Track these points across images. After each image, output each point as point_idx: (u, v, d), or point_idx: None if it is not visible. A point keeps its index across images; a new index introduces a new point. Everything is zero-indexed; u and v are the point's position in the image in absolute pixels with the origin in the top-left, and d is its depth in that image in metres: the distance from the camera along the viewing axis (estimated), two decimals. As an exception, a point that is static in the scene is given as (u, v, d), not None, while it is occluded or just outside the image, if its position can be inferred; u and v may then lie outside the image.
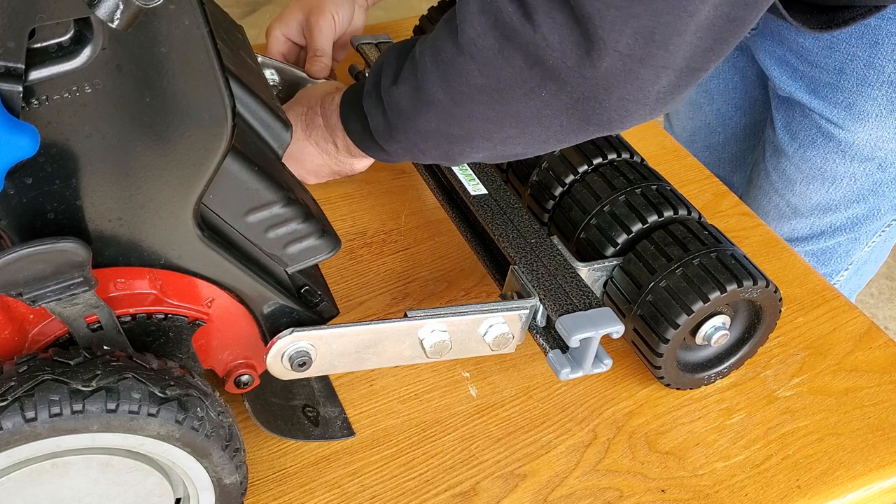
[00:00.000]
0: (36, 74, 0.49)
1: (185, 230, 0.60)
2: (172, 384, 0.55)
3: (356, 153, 0.84)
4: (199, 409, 0.56)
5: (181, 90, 0.53)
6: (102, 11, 0.44)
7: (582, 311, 0.71)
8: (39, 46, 0.48)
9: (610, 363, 0.73)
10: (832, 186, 1.09)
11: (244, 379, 0.69)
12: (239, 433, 0.60)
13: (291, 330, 0.66)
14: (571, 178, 0.85)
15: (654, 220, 0.80)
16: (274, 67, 1.01)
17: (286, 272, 0.67)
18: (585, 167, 0.85)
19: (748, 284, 0.75)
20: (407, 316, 0.69)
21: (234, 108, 0.55)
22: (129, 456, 0.57)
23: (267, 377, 0.69)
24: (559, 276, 0.75)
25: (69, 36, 0.49)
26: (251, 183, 0.61)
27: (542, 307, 0.73)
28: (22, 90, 0.48)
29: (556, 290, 0.74)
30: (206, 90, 0.53)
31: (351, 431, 0.76)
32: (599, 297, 0.75)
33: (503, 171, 0.93)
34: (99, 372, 0.53)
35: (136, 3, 0.44)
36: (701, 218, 0.83)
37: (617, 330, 0.71)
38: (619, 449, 0.77)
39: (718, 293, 0.74)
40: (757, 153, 1.21)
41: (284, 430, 0.73)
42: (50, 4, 0.46)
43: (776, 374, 0.85)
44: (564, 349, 0.73)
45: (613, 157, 0.86)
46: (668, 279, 0.76)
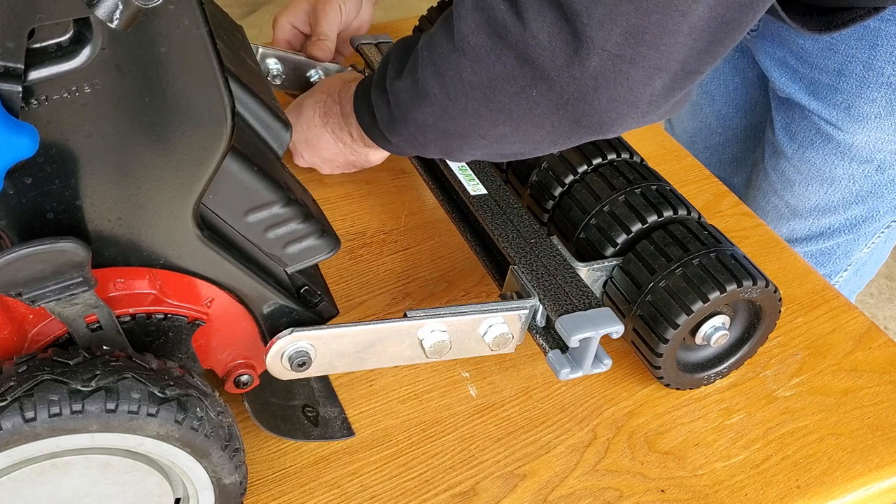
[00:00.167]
0: (35, 74, 0.49)
1: (184, 230, 0.60)
2: (172, 384, 0.55)
3: (369, 143, 0.85)
4: (198, 409, 0.56)
5: (181, 90, 0.53)
6: (102, 11, 0.44)
7: (581, 311, 0.71)
8: (39, 46, 0.48)
9: (609, 363, 0.73)
10: (831, 188, 1.09)
11: (244, 379, 0.69)
12: (238, 433, 0.60)
13: (291, 330, 0.66)
14: (571, 178, 0.85)
15: (653, 220, 0.80)
16: (275, 57, 1.01)
17: (286, 272, 0.67)
18: (585, 167, 0.85)
19: (748, 284, 0.75)
20: (407, 316, 0.69)
21: (233, 108, 0.55)
22: (128, 456, 0.57)
23: (267, 377, 0.69)
24: (559, 276, 0.75)
25: (68, 36, 0.49)
26: (251, 183, 0.61)
27: (541, 307, 0.73)
28: (21, 90, 0.48)
29: (555, 290, 0.74)
30: (205, 90, 0.53)
31: (351, 431, 0.76)
32: (599, 297, 0.75)
33: (503, 171, 0.93)
34: (98, 372, 0.53)
35: (135, 3, 0.44)
36: (701, 218, 0.83)
37: (616, 330, 0.71)
38: (618, 449, 0.77)
39: (718, 293, 0.74)
40: (756, 154, 1.21)
41: (284, 430, 0.73)
42: (49, 4, 0.46)
43: (776, 374, 0.85)
44: (564, 349, 0.73)
45: (613, 157, 0.86)
46: (667, 279, 0.76)
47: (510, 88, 0.65)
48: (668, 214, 0.81)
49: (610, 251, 0.80)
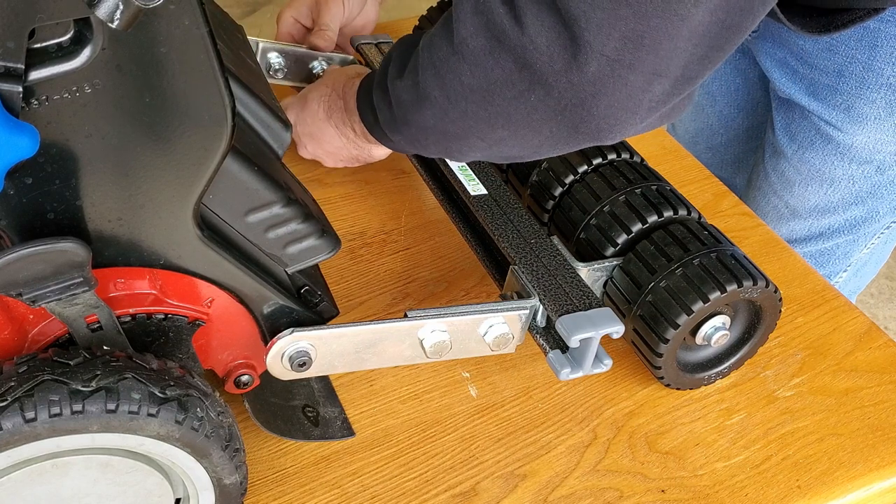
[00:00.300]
0: (36, 74, 0.49)
1: (184, 230, 0.60)
2: (172, 384, 0.55)
3: (372, 140, 0.85)
4: (198, 409, 0.56)
5: (181, 90, 0.53)
6: (102, 12, 0.44)
7: (582, 311, 0.71)
8: (39, 46, 0.48)
9: (610, 363, 0.73)
10: (830, 188, 1.09)
11: (244, 379, 0.69)
12: (239, 433, 0.60)
13: (291, 330, 0.66)
14: (571, 178, 0.85)
15: (653, 220, 0.80)
16: (276, 50, 1.02)
17: (286, 272, 0.67)
18: (585, 167, 0.85)
19: (748, 284, 0.75)
20: (407, 316, 0.69)
21: (233, 108, 0.55)
22: (128, 456, 0.57)
23: (267, 377, 0.69)
24: (559, 276, 0.75)
25: (69, 36, 0.49)
26: (251, 183, 0.61)
27: (542, 307, 0.73)
28: (22, 90, 0.48)
29: (556, 290, 0.74)
30: (205, 90, 0.53)
31: (351, 431, 0.76)
32: (599, 297, 0.75)
33: (503, 171, 0.93)
34: (99, 372, 0.53)
35: (135, 3, 0.44)
36: (701, 218, 0.83)
37: (617, 330, 0.71)
38: (619, 449, 0.77)
39: (718, 293, 0.74)
40: (757, 155, 1.21)
41: (284, 430, 0.73)
42: (50, 4, 0.46)
43: (776, 374, 0.85)
44: (564, 349, 0.73)
45: (613, 157, 0.86)
46: (668, 279, 0.75)
47: (508, 93, 0.65)
48: (668, 214, 0.81)
49: (610, 251, 0.80)
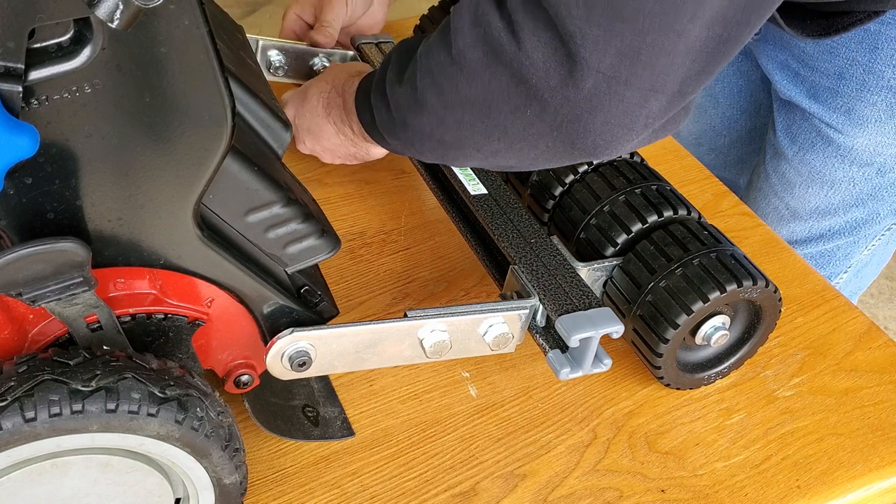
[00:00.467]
0: (36, 74, 0.49)
1: (184, 230, 0.60)
2: (172, 384, 0.55)
3: (370, 139, 0.85)
4: (198, 409, 0.56)
5: (181, 90, 0.53)
6: (102, 11, 0.44)
7: (582, 311, 0.71)
8: (39, 46, 0.48)
9: (609, 363, 0.73)
10: (831, 190, 1.09)
11: (244, 379, 0.69)
12: (239, 433, 0.60)
13: (291, 330, 0.66)
14: (571, 177, 0.85)
15: (653, 220, 0.80)
16: (276, 47, 1.02)
17: (286, 272, 0.67)
18: (585, 167, 0.85)
19: (748, 284, 0.75)
20: (407, 316, 0.69)
21: (233, 108, 0.55)
22: (128, 456, 0.57)
23: (267, 377, 0.69)
24: (559, 276, 0.75)
25: (69, 36, 0.49)
26: (251, 183, 0.61)
27: (541, 307, 0.73)
28: (22, 90, 0.48)
29: (555, 289, 0.74)
30: (205, 90, 0.53)
31: (351, 431, 0.76)
32: (599, 297, 0.75)
33: (503, 171, 0.93)
34: (99, 372, 0.53)
35: (135, 3, 0.44)
36: (701, 218, 0.83)
37: (617, 330, 0.71)
38: (618, 449, 0.77)
39: (718, 293, 0.74)
40: (758, 156, 1.21)
41: (284, 430, 0.73)
42: (50, 4, 0.46)
43: (776, 374, 0.85)
44: (564, 349, 0.73)
45: (613, 157, 0.86)
46: (667, 279, 0.76)
47: (505, 106, 0.65)
48: (668, 214, 0.81)
49: (610, 251, 0.80)
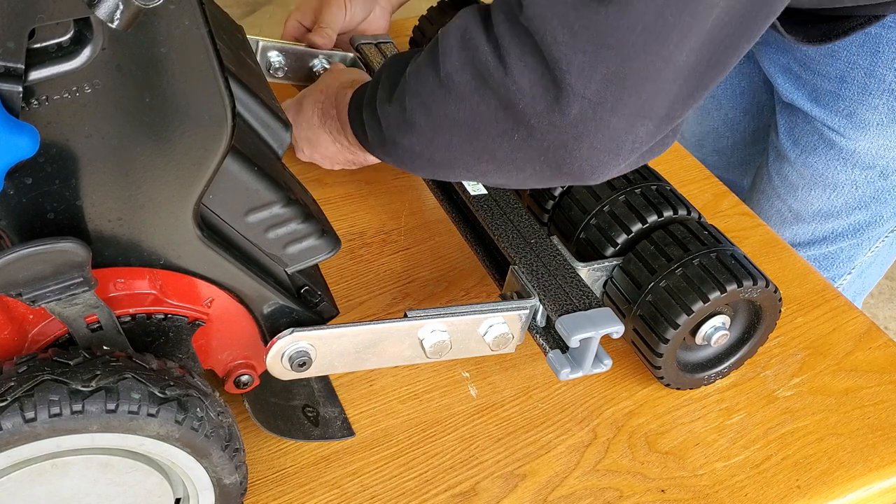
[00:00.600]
0: (36, 74, 0.49)
1: (184, 230, 0.60)
2: (172, 384, 0.55)
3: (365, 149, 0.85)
4: (198, 409, 0.56)
5: (181, 90, 0.53)
6: (102, 12, 0.44)
7: (582, 311, 0.71)
8: (39, 46, 0.48)
9: (610, 363, 0.73)
10: (834, 193, 1.09)
11: (244, 379, 0.69)
12: (239, 433, 0.60)
13: (291, 330, 0.66)
14: (571, 178, 0.85)
15: (653, 220, 0.80)
16: (276, 49, 1.02)
17: (286, 272, 0.67)
18: (585, 167, 0.85)
19: (748, 284, 0.75)
20: (407, 316, 0.69)
21: (233, 108, 0.55)
22: (128, 456, 0.57)
23: (267, 377, 0.69)
24: (559, 276, 0.75)
25: (69, 36, 0.49)
26: (251, 183, 0.61)
27: (541, 307, 0.73)
28: (22, 90, 0.48)
29: (555, 290, 0.74)
30: (205, 90, 0.53)
31: (351, 431, 0.76)
32: (599, 297, 0.75)
33: (503, 171, 0.93)
34: (98, 372, 0.53)
35: (135, 3, 0.44)
36: (701, 218, 0.83)
37: (617, 330, 0.71)
38: (618, 449, 0.77)
39: (718, 293, 0.74)
40: (761, 158, 1.21)
41: (284, 430, 0.73)
42: (50, 4, 0.46)
43: (776, 374, 0.85)
44: (564, 349, 0.73)
45: (613, 157, 0.86)
46: (667, 279, 0.76)
47: (493, 130, 0.65)
48: (668, 214, 0.81)
49: (610, 251, 0.80)
